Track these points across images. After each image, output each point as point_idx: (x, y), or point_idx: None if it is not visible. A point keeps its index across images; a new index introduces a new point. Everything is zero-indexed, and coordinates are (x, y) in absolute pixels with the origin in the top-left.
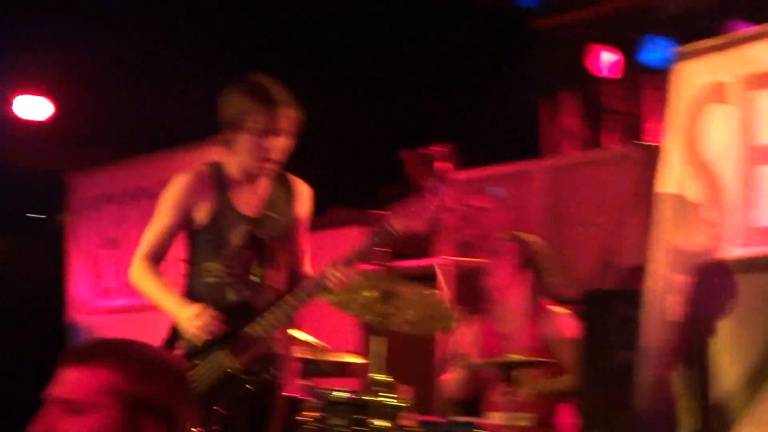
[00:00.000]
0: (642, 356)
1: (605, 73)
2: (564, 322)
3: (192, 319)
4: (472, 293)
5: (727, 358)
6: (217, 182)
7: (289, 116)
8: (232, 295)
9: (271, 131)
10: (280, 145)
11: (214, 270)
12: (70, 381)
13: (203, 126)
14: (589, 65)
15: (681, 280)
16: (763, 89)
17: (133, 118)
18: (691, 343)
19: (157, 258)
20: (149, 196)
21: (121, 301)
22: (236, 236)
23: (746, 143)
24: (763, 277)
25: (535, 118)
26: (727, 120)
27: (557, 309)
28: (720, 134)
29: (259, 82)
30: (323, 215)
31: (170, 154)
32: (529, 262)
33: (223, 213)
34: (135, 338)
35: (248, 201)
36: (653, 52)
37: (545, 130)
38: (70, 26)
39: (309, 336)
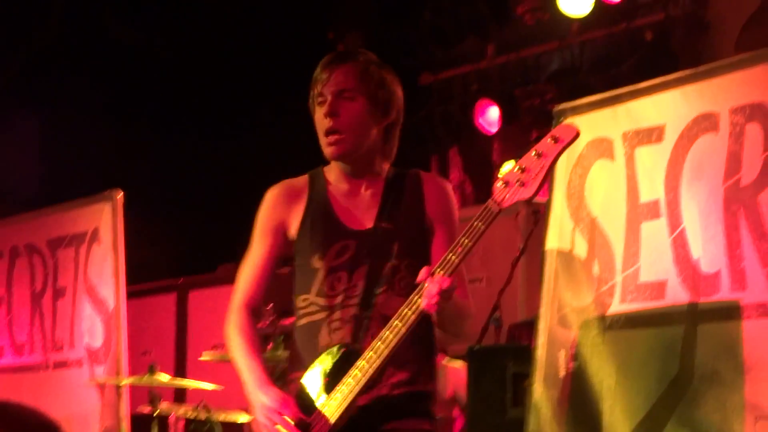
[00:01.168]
0: (531, 412)
1: (493, 129)
2: (462, 376)
3: (257, 411)
4: None
5: (619, 415)
6: (312, 189)
7: (346, 72)
8: (325, 337)
9: (321, 96)
10: (335, 109)
11: (306, 305)
12: None
13: (97, 181)
14: (477, 121)
15: (569, 335)
16: (645, 145)
17: (19, 175)
18: (581, 398)
19: (257, 302)
20: (39, 254)
21: (11, 361)
22: (332, 255)
23: (631, 200)
24: (647, 332)
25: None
26: (613, 176)
27: (452, 362)
28: (606, 190)
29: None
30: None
31: (61, 211)
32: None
33: (315, 227)
34: (22, 398)
35: (353, 209)
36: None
37: None
38: None
39: (203, 383)
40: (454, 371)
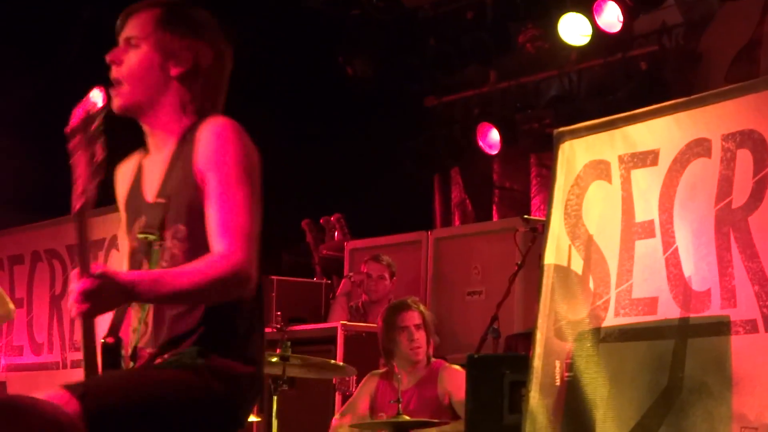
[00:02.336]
0: (527, 419)
1: (494, 151)
2: (460, 380)
3: None
4: (363, 356)
5: (611, 423)
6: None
7: (137, 19)
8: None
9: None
10: (117, 56)
11: None
12: None
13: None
14: (479, 142)
15: (564, 347)
16: (640, 168)
17: (41, 181)
18: (575, 406)
19: None
20: (59, 259)
21: (31, 359)
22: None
23: (626, 219)
24: (639, 345)
25: (429, 192)
26: (609, 196)
27: (454, 367)
28: (603, 210)
29: None
30: None
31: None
32: (425, 326)
33: (127, 202)
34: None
35: (149, 177)
36: None
37: (437, 203)
38: None
39: None
40: (453, 374)
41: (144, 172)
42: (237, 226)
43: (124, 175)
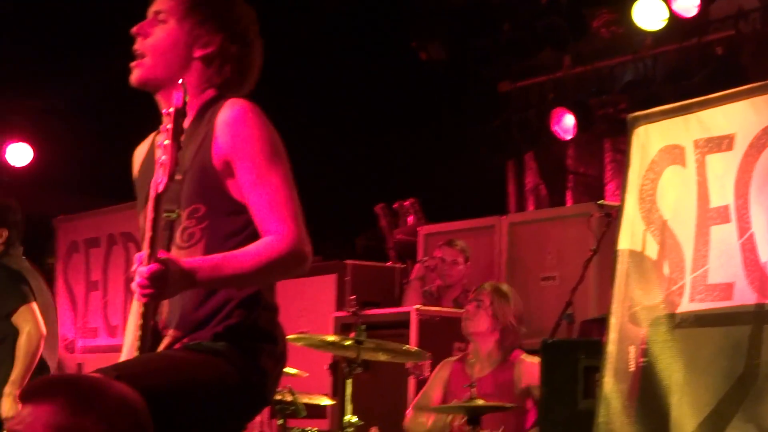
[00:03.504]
0: (601, 404)
1: (568, 136)
2: (536, 370)
3: None
4: (437, 340)
5: (686, 409)
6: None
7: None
8: None
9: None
10: (143, 29)
11: None
12: (24, 416)
13: None
14: (553, 128)
15: (639, 332)
16: (715, 153)
17: (117, 166)
18: (650, 392)
19: None
20: (134, 242)
21: (105, 341)
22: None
23: (701, 204)
24: (715, 331)
25: (503, 177)
26: (684, 181)
27: (529, 357)
28: (677, 195)
29: None
30: None
31: None
32: (503, 313)
33: (141, 179)
34: None
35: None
36: None
37: (511, 187)
38: (52, 75)
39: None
40: (528, 365)
41: (158, 149)
42: (284, 206)
43: (140, 154)
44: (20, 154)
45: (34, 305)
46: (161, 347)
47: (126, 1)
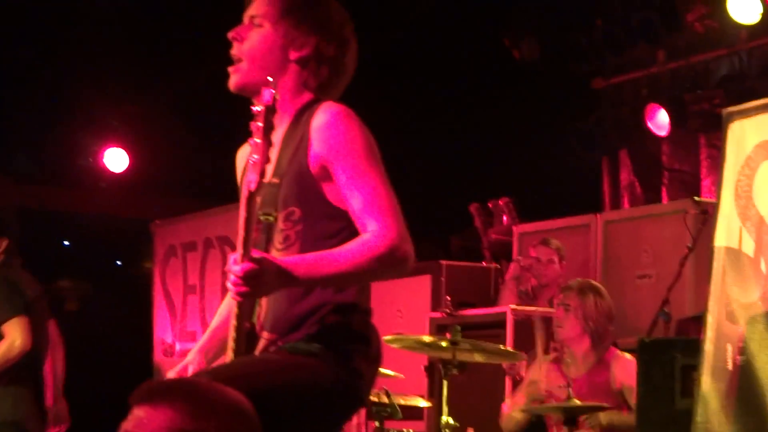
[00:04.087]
0: (699, 403)
1: (663, 132)
2: (631, 368)
3: None
4: (533, 339)
5: None
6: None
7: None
8: None
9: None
10: (240, 34)
11: None
12: (139, 419)
13: None
14: (647, 124)
15: (736, 330)
16: None
17: (213, 169)
18: (748, 391)
19: None
20: (230, 245)
21: None
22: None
23: None
24: None
25: (597, 174)
26: None
27: (625, 355)
28: None
29: None
30: None
31: None
32: (591, 313)
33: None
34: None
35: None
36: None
37: (606, 185)
38: (148, 80)
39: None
40: (623, 363)
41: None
42: (383, 205)
43: (242, 157)
44: (117, 160)
45: (25, 319)
46: (258, 350)
47: (222, 4)
